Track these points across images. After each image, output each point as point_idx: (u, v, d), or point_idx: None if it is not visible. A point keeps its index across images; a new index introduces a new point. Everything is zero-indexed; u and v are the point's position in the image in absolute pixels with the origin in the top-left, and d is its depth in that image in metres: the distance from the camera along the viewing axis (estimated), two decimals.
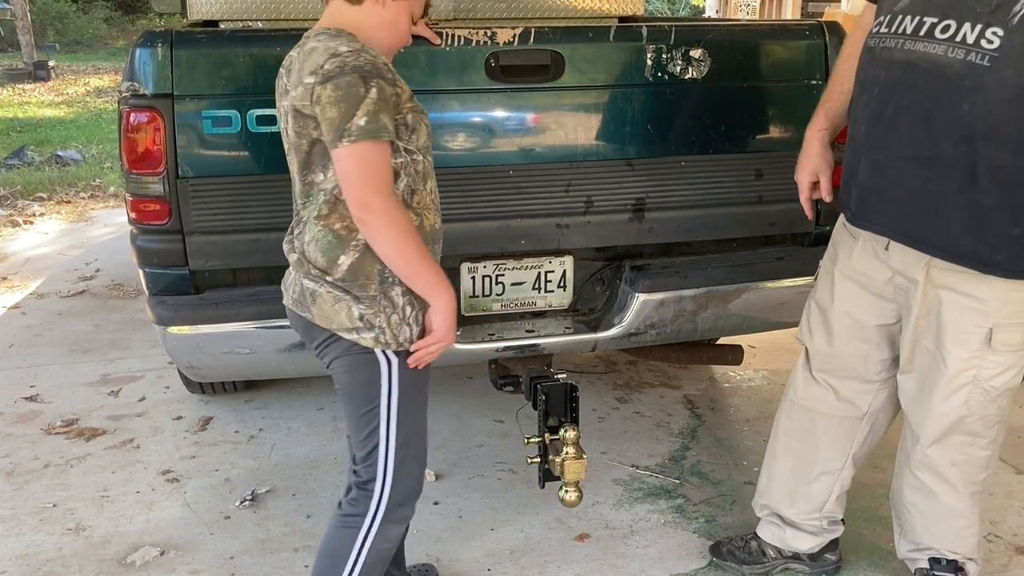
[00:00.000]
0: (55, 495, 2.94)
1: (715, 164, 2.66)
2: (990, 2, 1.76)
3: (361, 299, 1.82)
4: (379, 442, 1.91)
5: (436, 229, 1.92)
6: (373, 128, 1.68)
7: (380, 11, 1.83)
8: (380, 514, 1.95)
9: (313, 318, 1.87)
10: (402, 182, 1.81)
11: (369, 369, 1.86)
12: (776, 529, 2.47)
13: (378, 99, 1.69)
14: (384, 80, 1.72)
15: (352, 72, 1.68)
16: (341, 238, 1.81)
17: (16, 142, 9.84)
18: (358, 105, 1.68)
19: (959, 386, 1.99)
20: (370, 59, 1.72)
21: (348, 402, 1.94)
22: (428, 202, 1.88)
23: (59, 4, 23.26)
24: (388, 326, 1.82)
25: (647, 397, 3.67)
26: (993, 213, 1.83)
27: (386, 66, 1.76)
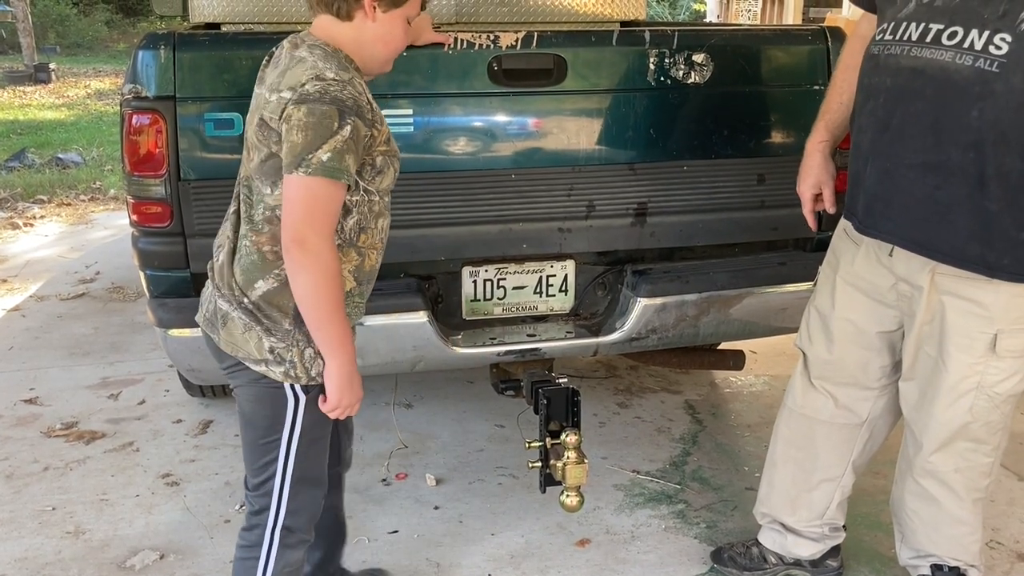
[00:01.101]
0: (54, 498, 2.94)
1: (717, 169, 2.66)
2: (997, 8, 1.76)
3: (273, 331, 1.75)
4: (274, 474, 1.86)
5: (375, 269, 1.87)
6: (333, 167, 1.61)
7: (372, 26, 1.74)
8: (275, 544, 1.91)
9: (219, 342, 1.81)
10: (352, 219, 1.76)
11: (275, 405, 1.81)
12: (777, 536, 2.46)
13: (348, 138, 1.62)
14: (362, 120, 1.65)
15: (331, 103, 1.61)
16: (266, 262, 1.74)
17: (16, 144, 9.84)
18: (326, 139, 1.60)
19: (963, 392, 1.98)
20: (354, 95, 1.65)
21: (247, 429, 1.90)
22: (376, 241, 1.83)
23: (60, 6, 23.28)
24: (300, 360, 1.76)
25: (648, 402, 3.66)
26: (1000, 218, 1.83)
27: (369, 105, 1.70)
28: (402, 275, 2.59)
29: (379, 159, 1.74)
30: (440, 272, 2.64)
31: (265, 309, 1.75)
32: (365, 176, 1.74)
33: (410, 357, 2.52)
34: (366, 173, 1.74)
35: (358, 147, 1.65)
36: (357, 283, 1.83)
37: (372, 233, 1.81)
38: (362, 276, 1.84)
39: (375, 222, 1.81)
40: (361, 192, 1.75)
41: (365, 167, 1.73)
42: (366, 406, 3.59)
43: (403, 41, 1.81)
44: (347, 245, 1.78)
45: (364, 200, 1.76)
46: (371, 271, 1.86)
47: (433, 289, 2.63)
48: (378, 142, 1.72)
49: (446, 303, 2.67)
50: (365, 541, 2.71)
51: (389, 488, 3.01)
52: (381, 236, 1.85)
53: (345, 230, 1.76)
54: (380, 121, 1.73)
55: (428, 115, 2.42)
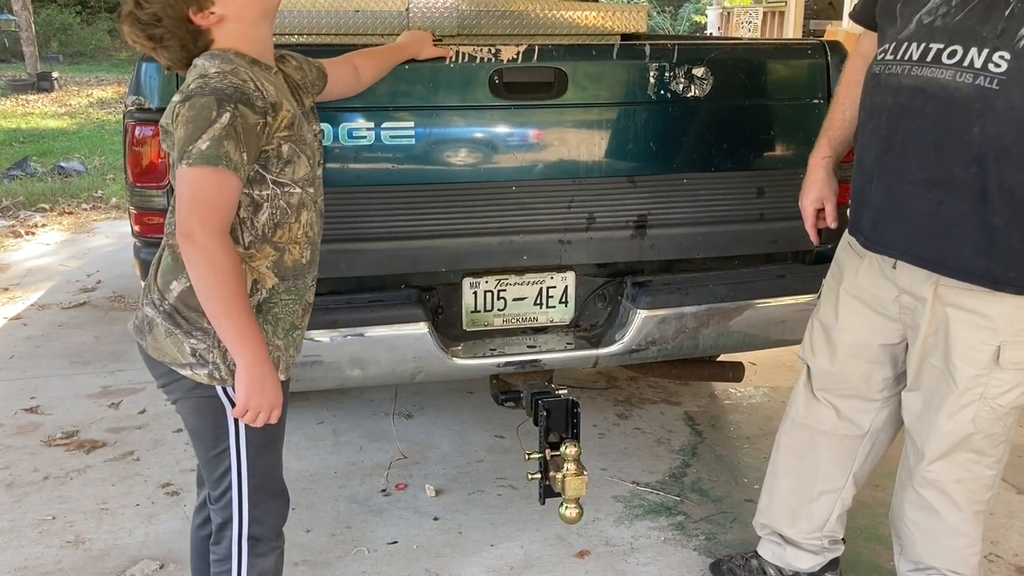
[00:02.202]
0: (54, 507, 2.94)
1: (717, 182, 2.67)
2: (996, 27, 1.78)
3: (192, 333, 1.75)
4: (231, 485, 1.85)
5: (302, 264, 1.84)
6: (212, 154, 1.58)
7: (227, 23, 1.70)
8: (244, 554, 1.90)
9: (147, 348, 1.81)
10: (263, 214, 1.74)
11: (215, 414, 1.81)
12: (777, 548, 2.47)
13: (228, 125, 1.59)
14: (249, 107, 1.63)
15: (210, 94, 1.60)
16: (179, 262, 1.72)
17: (19, 153, 9.85)
18: (205, 128, 1.59)
19: (966, 403, 1.99)
20: (235, 83, 1.63)
21: (197, 444, 1.90)
22: (299, 236, 1.80)
23: (63, 15, 23.32)
24: (223, 362, 1.75)
25: (648, 413, 3.67)
26: (1004, 232, 1.84)
27: (259, 92, 1.66)
28: (403, 286, 2.60)
29: (285, 148, 1.72)
30: (441, 283, 2.65)
31: (182, 311, 1.75)
32: (272, 168, 1.72)
33: (410, 368, 2.53)
34: (272, 164, 1.72)
35: (247, 135, 1.63)
36: (281, 279, 1.80)
37: (291, 228, 1.78)
38: (285, 272, 1.80)
39: (295, 215, 1.78)
40: (271, 185, 1.73)
41: (270, 158, 1.71)
42: (366, 416, 3.61)
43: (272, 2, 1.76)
44: (260, 241, 1.76)
45: (278, 193, 1.74)
46: (296, 266, 1.83)
47: (433, 300, 2.64)
48: (277, 128, 1.70)
49: (446, 314, 2.68)
50: (364, 552, 2.71)
51: (388, 498, 3.01)
52: (305, 230, 1.82)
53: (257, 226, 1.74)
54: (278, 107, 1.70)
55: (429, 127, 2.43)
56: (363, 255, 2.49)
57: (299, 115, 1.77)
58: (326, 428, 3.51)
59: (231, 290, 1.65)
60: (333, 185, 2.41)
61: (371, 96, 2.37)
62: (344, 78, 2.19)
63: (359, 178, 2.42)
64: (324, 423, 3.54)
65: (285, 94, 1.77)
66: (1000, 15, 1.78)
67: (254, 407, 1.73)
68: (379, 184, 2.44)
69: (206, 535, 2.02)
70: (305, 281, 1.88)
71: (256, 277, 1.78)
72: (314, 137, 1.85)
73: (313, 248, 1.87)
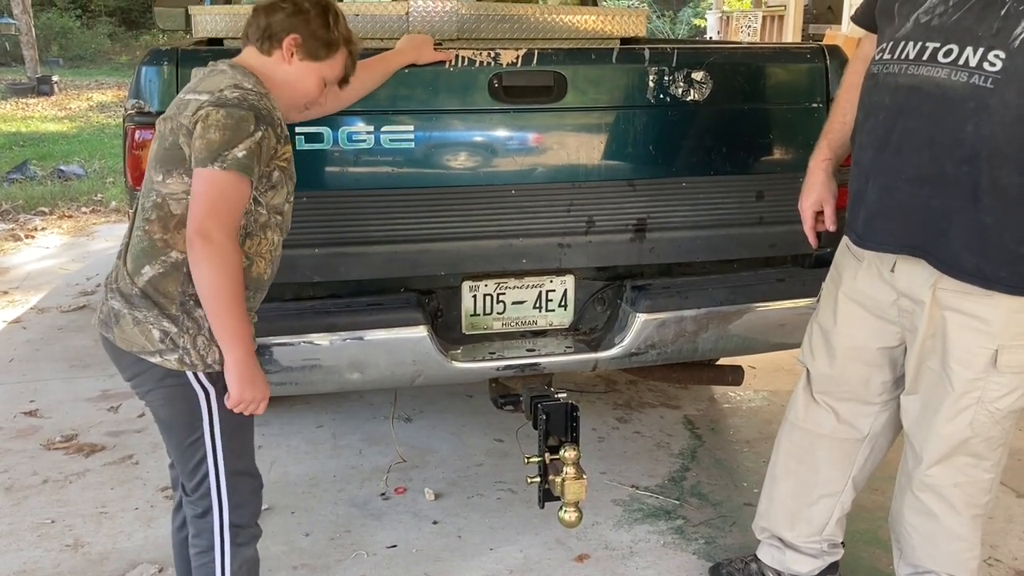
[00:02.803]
0: (53, 511, 2.94)
1: (716, 185, 2.67)
2: (991, 26, 1.79)
3: (162, 318, 1.80)
4: (208, 472, 1.89)
5: (264, 279, 1.94)
6: (247, 164, 1.72)
7: (286, 68, 1.88)
8: (227, 543, 1.94)
9: (115, 339, 1.85)
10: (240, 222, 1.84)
11: (187, 401, 1.85)
12: (776, 552, 2.46)
13: (260, 143, 1.74)
14: (273, 131, 1.79)
15: (249, 109, 1.75)
16: (155, 248, 1.81)
17: (19, 156, 9.86)
18: (243, 139, 1.72)
19: (964, 407, 1.99)
20: (269, 107, 1.80)
21: (169, 434, 1.93)
22: (264, 251, 1.90)
23: (63, 19, 23.33)
24: (193, 347, 1.81)
25: (647, 417, 3.67)
26: (996, 231, 1.85)
27: (279, 121, 1.83)
28: (402, 289, 2.61)
29: (275, 174, 1.85)
30: (440, 287, 2.65)
31: (152, 295, 1.81)
32: (259, 187, 1.83)
33: (409, 371, 2.53)
34: (261, 184, 1.83)
35: (265, 155, 1.78)
36: (246, 287, 1.86)
37: (259, 241, 1.88)
38: (250, 282, 1.88)
39: (263, 232, 1.89)
40: (250, 202, 1.83)
41: (261, 178, 1.82)
42: (365, 419, 3.61)
43: (313, 94, 1.93)
44: None
45: (251, 210, 1.84)
46: (258, 279, 1.92)
47: (433, 304, 2.64)
48: (279, 156, 1.84)
49: (446, 318, 2.68)
50: (363, 555, 2.71)
51: (388, 502, 3.01)
52: (270, 248, 1.92)
53: None
54: (287, 139, 1.87)
55: (429, 131, 2.44)
56: (363, 258, 2.49)
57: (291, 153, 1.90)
58: (325, 432, 3.51)
59: (235, 289, 1.76)
60: (333, 189, 2.42)
61: (371, 100, 2.38)
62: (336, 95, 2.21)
63: (359, 182, 2.43)
64: (323, 427, 3.54)
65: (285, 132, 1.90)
66: (996, 14, 1.79)
67: (247, 399, 1.83)
68: (379, 188, 2.44)
69: (186, 536, 2.05)
70: (259, 297, 1.98)
71: None
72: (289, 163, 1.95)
73: (272, 269, 1.96)
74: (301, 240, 2.41)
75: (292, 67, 1.88)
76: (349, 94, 2.27)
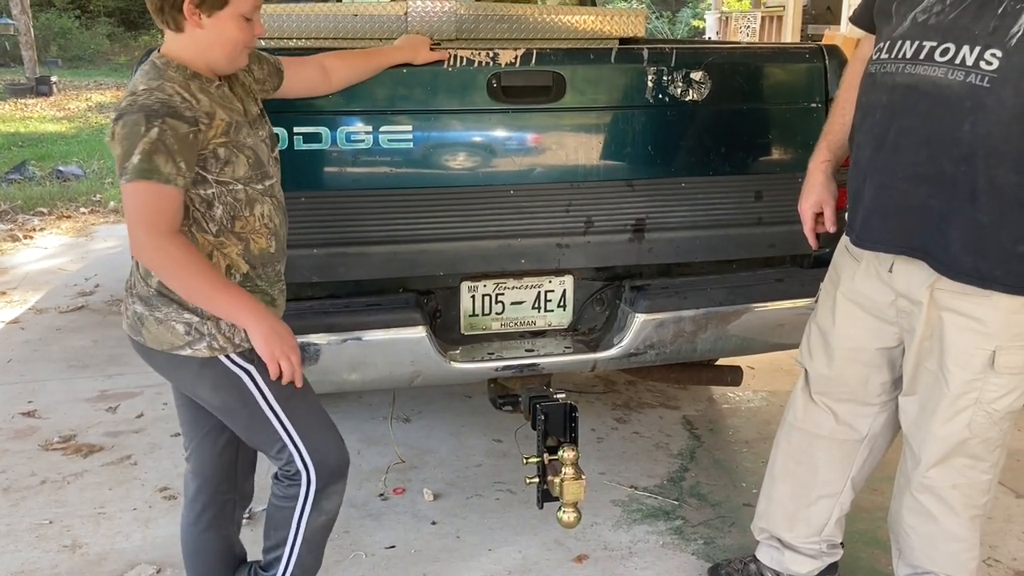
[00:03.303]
0: (52, 511, 2.93)
1: (715, 185, 2.67)
2: (988, 24, 1.79)
3: (183, 311, 1.85)
4: (284, 442, 1.95)
5: (270, 252, 1.96)
6: (144, 168, 1.71)
7: (202, 33, 1.83)
8: (311, 495, 2.01)
9: (145, 341, 1.91)
10: (218, 211, 1.86)
11: (232, 382, 1.90)
12: (775, 552, 2.46)
13: (157, 140, 1.71)
14: (177, 119, 1.74)
15: (138, 111, 1.73)
16: None
17: (17, 157, 9.86)
18: (136, 144, 1.71)
19: (962, 408, 1.99)
20: (162, 98, 1.75)
21: (231, 419, 1.98)
22: (258, 227, 1.91)
23: (62, 19, 23.33)
24: (218, 332, 1.86)
25: (646, 417, 3.67)
26: (993, 230, 1.84)
27: (187, 103, 1.77)
28: (401, 290, 2.60)
29: (221, 150, 1.83)
30: (439, 287, 2.64)
31: (167, 293, 1.86)
32: (211, 169, 1.83)
33: (408, 372, 2.53)
34: (211, 166, 1.83)
35: (180, 144, 1.74)
36: (251, 266, 1.92)
37: (249, 220, 1.90)
38: (253, 259, 1.92)
39: (248, 209, 1.89)
40: (213, 184, 1.84)
41: (208, 159, 1.82)
42: (364, 420, 3.60)
43: (242, 38, 1.87)
44: (223, 232, 1.87)
45: (223, 191, 1.85)
46: (263, 254, 1.94)
47: (432, 304, 2.63)
48: (212, 135, 1.81)
49: (444, 318, 2.67)
50: (362, 556, 2.71)
51: (386, 503, 3.01)
52: (265, 222, 1.93)
53: (216, 219, 1.86)
54: (210, 116, 1.81)
55: (427, 131, 2.43)
56: (361, 259, 2.49)
57: (237, 122, 1.88)
58: None
59: (200, 274, 1.77)
60: (332, 189, 2.42)
61: (369, 100, 2.38)
62: (306, 77, 2.24)
63: (357, 182, 2.42)
64: None
65: (225, 103, 1.88)
66: (993, 13, 1.79)
67: (279, 354, 1.84)
68: (377, 188, 2.44)
69: (202, 529, 2.14)
70: (275, 268, 2.00)
71: (229, 263, 1.90)
72: (260, 140, 1.95)
73: (277, 238, 1.98)
74: (300, 240, 2.41)
75: (205, 28, 1.82)
76: (338, 79, 2.29)
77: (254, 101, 2.03)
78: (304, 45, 3.17)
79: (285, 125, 2.33)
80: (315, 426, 2.00)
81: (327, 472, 2.01)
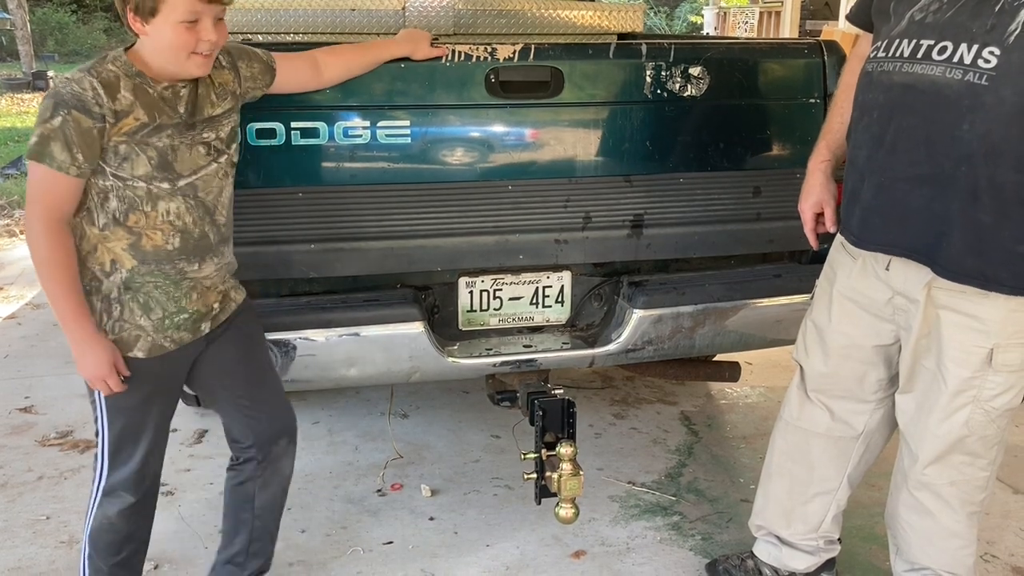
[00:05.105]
0: (48, 507, 2.93)
1: (713, 181, 2.66)
2: (985, 22, 1.78)
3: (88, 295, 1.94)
4: (98, 429, 2.07)
5: (168, 250, 1.96)
6: (38, 151, 1.79)
7: (147, 40, 1.88)
8: (99, 494, 2.11)
9: None
10: (112, 203, 1.89)
11: None
12: (772, 548, 2.46)
13: (59, 128, 1.78)
14: (83, 113, 1.80)
15: (51, 97, 1.81)
16: None
17: (14, 152, 9.85)
18: (39, 126, 1.80)
19: (959, 406, 1.99)
20: (76, 91, 1.81)
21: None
22: (158, 223, 1.93)
23: (59, 15, 23.30)
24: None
25: (644, 413, 3.67)
26: (995, 231, 1.83)
27: (97, 99, 1.81)
28: (398, 285, 2.60)
29: (122, 147, 1.86)
30: (436, 283, 2.64)
31: None
32: (110, 162, 1.87)
33: (406, 367, 2.52)
34: (111, 159, 1.87)
35: (80, 136, 1.80)
36: (140, 261, 1.94)
37: (147, 216, 1.92)
38: (144, 255, 1.94)
39: (149, 205, 1.92)
40: (110, 177, 1.88)
41: (108, 153, 1.86)
42: (362, 416, 3.60)
43: (182, 42, 1.87)
44: (113, 224, 1.91)
45: (119, 186, 1.89)
46: (159, 251, 1.95)
47: (429, 300, 2.63)
48: (115, 132, 1.84)
49: (442, 314, 2.67)
50: (359, 552, 2.70)
51: (384, 498, 3.01)
52: (170, 219, 1.95)
53: (108, 210, 1.90)
54: (120, 114, 1.85)
55: (425, 126, 2.43)
56: (359, 254, 2.48)
57: (158, 124, 1.90)
58: (321, 428, 3.50)
59: (55, 277, 1.85)
60: (329, 184, 2.41)
61: (367, 95, 2.37)
62: (297, 73, 2.24)
63: (355, 177, 2.42)
64: (319, 423, 3.54)
65: (160, 104, 1.90)
66: (990, 11, 1.78)
67: (88, 377, 1.97)
68: (375, 183, 2.43)
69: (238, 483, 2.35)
70: (176, 267, 1.98)
71: (113, 257, 1.93)
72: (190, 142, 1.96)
73: (185, 236, 1.98)
74: (297, 236, 2.41)
75: (150, 36, 1.86)
76: (332, 74, 2.29)
77: (222, 101, 2.03)
78: (302, 40, 3.16)
79: (282, 120, 2.32)
80: (128, 442, 2.08)
81: (114, 480, 2.10)
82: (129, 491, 2.12)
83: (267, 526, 2.37)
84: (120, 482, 2.10)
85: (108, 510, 2.12)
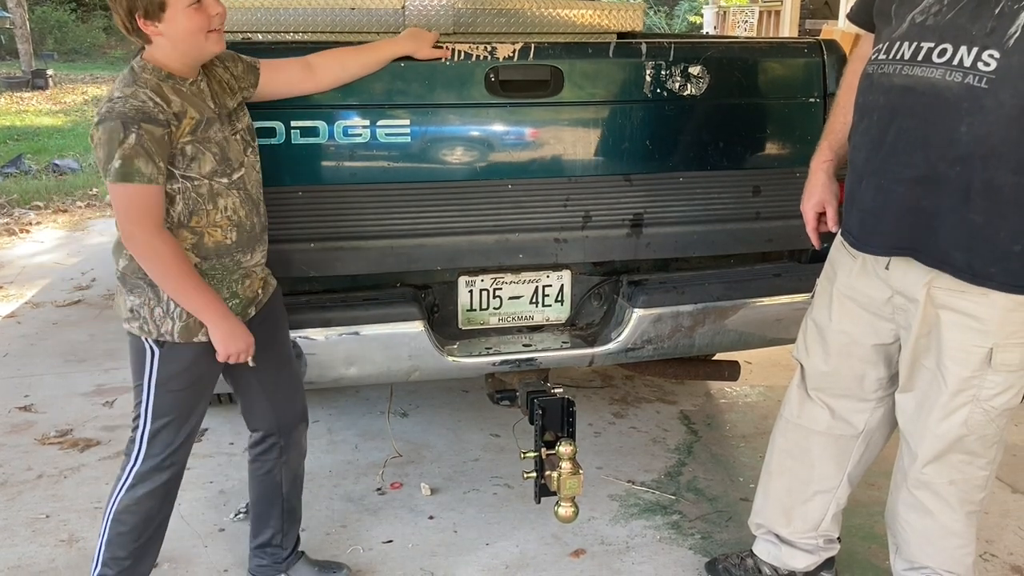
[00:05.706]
0: (48, 506, 2.93)
1: (713, 180, 2.66)
2: (985, 25, 1.78)
3: (133, 292, 2.04)
4: (140, 414, 2.12)
5: (227, 244, 2.06)
6: (126, 171, 1.85)
7: (163, 39, 1.92)
8: (130, 476, 2.16)
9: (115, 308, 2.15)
10: (178, 206, 1.98)
11: (138, 352, 2.10)
12: (772, 547, 2.47)
13: (136, 144, 1.85)
14: (152, 123, 1.87)
15: (116, 118, 1.86)
16: (119, 245, 2.03)
17: (13, 151, 9.83)
18: (116, 149, 1.85)
19: (959, 405, 1.99)
20: (136, 105, 1.88)
21: (133, 377, 2.16)
22: (217, 220, 2.03)
23: (58, 13, 23.25)
24: (151, 318, 2.03)
25: (643, 412, 3.67)
26: (988, 230, 1.84)
27: (159, 107, 1.89)
28: (398, 284, 2.60)
29: (188, 147, 1.95)
30: (436, 282, 2.64)
31: (129, 277, 2.04)
32: (179, 165, 1.95)
33: (406, 366, 2.52)
34: (178, 162, 1.95)
35: (157, 146, 1.88)
36: (203, 258, 2.04)
37: (208, 215, 2.02)
38: (206, 252, 2.04)
39: (210, 204, 2.01)
40: (179, 180, 1.96)
41: (176, 156, 1.94)
42: (361, 414, 3.60)
43: (197, 25, 1.93)
44: (177, 227, 1.99)
45: (188, 187, 1.97)
46: (219, 247, 2.05)
47: (429, 299, 2.63)
48: (180, 133, 1.93)
49: (442, 313, 2.67)
50: (359, 551, 2.71)
51: (384, 497, 3.01)
52: (228, 215, 2.05)
53: (172, 215, 1.98)
54: (180, 116, 1.94)
55: (425, 125, 2.43)
56: (359, 253, 2.48)
57: (208, 119, 2.00)
58: (321, 427, 3.50)
59: (180, 271, 1.95)
60: (329, 183, 2.41)
61: (367, 93, 2.37)
62: (287, 76, 2.25)
63: (354, 176, 2.42)
64: (319, 422, 3.54)
65: (197, 101, 1.99)
66: (990, 13, 1.78)
67: (233, 352, 2.05)
68: (375, 182, 2.43)
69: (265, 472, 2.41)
70: (234, 259, 2.09)
71: None
72: (233, 135, 2.07)
73: (239, 230, 2.08)
74: (297, 235, 2.41)
75: (164, 34, 1.91)
76: (330, 76, 2.30)
77: (231, 95, 2.11)
78: (301, 39, 3.16)
79: (282, 119, 2.32)
80: (167, 428, 2.13)
81: (146, 466, 2.15)
82: (164, 471, 2.18)
83: (293, 504, 2.49)
84: (155, 465, 2.16)
85: (138, 491, 2.17)
